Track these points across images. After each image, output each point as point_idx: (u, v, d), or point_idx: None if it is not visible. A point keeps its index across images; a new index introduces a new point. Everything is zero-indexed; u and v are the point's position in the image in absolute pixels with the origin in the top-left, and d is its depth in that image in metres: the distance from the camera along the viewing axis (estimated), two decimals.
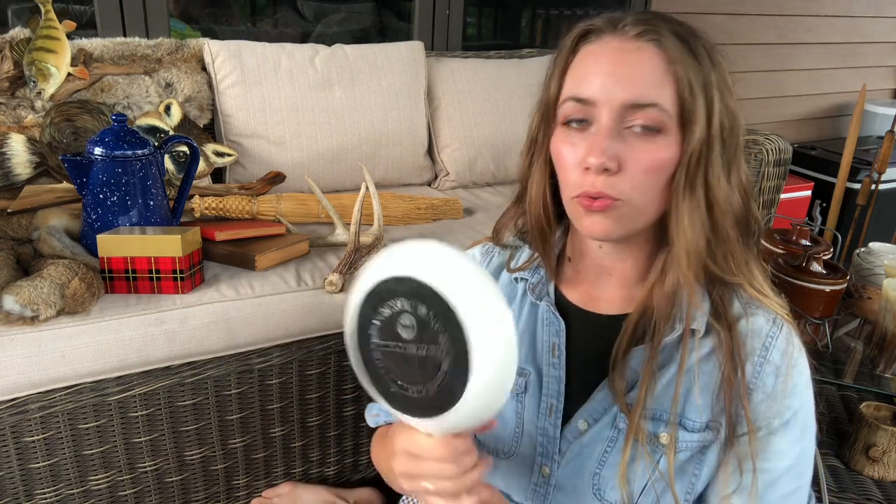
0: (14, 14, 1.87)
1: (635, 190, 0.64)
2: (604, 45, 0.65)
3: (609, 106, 0.63)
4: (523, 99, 2.06)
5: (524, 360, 0.76)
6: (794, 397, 0.69)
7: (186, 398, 1.27)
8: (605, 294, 0.74)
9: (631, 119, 0.63)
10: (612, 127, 0.63)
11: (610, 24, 0.66)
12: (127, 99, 1.58)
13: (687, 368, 0.68)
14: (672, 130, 0.63)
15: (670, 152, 0.64)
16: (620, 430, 0.71)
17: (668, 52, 0.63)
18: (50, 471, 1.19)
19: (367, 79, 1.87)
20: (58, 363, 1.12)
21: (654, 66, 0.63)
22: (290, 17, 2.43)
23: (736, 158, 0.67)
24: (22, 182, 1.33)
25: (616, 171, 0.63)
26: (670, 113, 0.63)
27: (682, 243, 0.66)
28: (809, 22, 3.17)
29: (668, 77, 0.63)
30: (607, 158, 0.62)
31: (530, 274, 0.78)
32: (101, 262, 1.19)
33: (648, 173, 0.64)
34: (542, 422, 0.74)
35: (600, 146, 0.63)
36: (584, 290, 0.76)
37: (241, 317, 1.24)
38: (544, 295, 0.76)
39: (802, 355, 0.70)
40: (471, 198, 1.91)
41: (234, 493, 1.39)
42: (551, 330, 0.75)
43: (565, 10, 2.81)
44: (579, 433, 0.73)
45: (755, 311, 0.69)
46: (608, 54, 0.64)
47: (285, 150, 1.76)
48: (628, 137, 0.63)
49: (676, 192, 0.65)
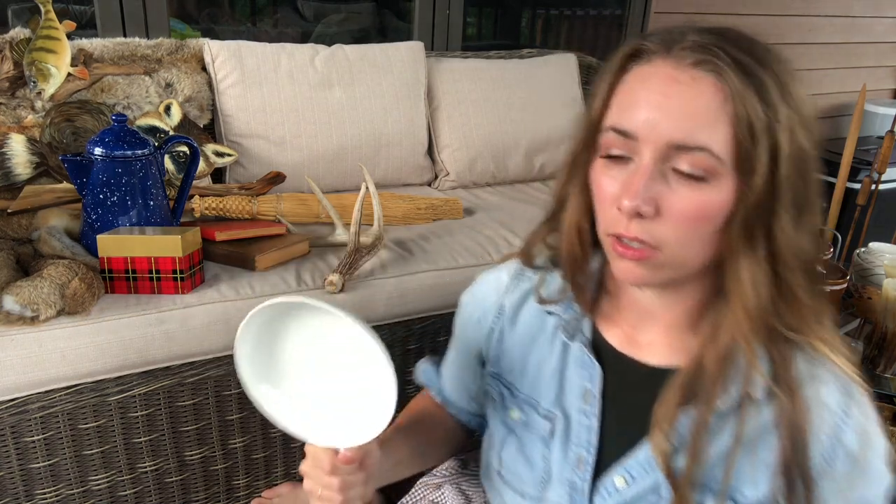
0: (14, 14, 1.87)
1: (675, 239, 0.56)
2: (655, 69, 0.57)
3: (653, 143, 0.55)
4: (523, 99, 2.06)
5: (551, 402, 0.70)
6: (870, 486, 0.60)
7: (186, 398, 1.27)
8: (648, 338, 0.66)
9: (675, 160, 0.55)
10: (652, 167, 0.56)
11: (665, 44, 0.58)
12: (127, 99, 1.58)
13: (743, 440, 0.59)
14: (725, 176, 0.55)
15: (720, 200, 0.55)
16: (663, 498, 0.63)
17: (727, 87, 0.54)
18: (50, 471, 1.19)
19: (367, 79, 1.87)
20: (58, 363, 1.12)
21: (707, 101, 0.54)
22: (290, 17, 2.43)
23: (808, 202, 0.58)
24: (22, 182, 1.33)
25: (653, 215, 0.56)
26: (722, 159, 0.54)
27: (741, 301, 0.57)
28: (809, 22, 3.17)
29: (723, 116, 0.54)
30: (642, 201, 0.55)
31: (563, 309, 0.71)
32: (101, 262, 1.19)
33: (692, 222, 0.56)
34: (570, 473, 0.68)
35: (636, 187, 0.55)
36: (624, 330, 0.67)
37: (241, 317, 1.22)
38: (578, 333, 0.69)
39: (880, 433, 0.60)
40: (471, 198, 1.91)
41: (235, 494, 1.39)
42: (584, 374, 0.67)
43: (565, 10, 2.81)
44: (617, 490, 0.65)
45: (824, 376, 0.59)
46: (658, 82, 0.56)
47: (285, 150, 1.76)
48: (672, 179, 0.56)
49: (732, 243, 0.57)
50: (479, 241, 1.55)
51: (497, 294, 0.77)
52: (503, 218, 1.70)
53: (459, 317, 0.83)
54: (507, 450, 0.74)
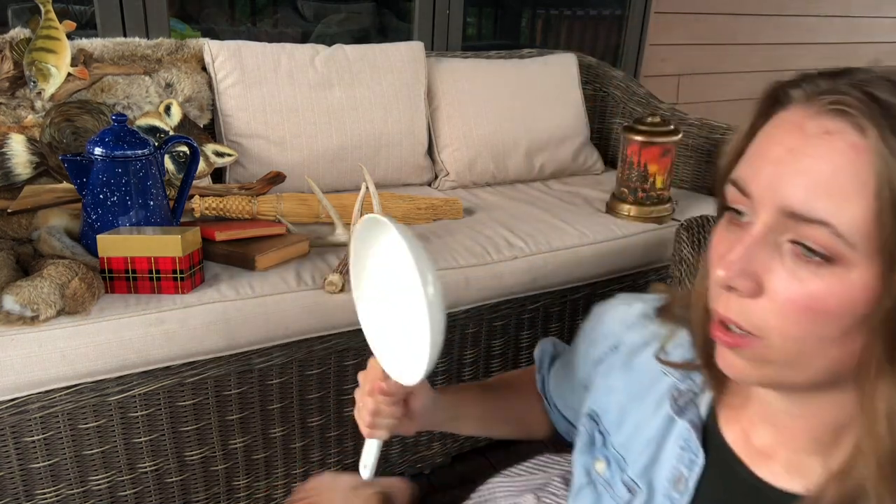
0: (14, 14, 1.87)
1: (781, 331, 0.45)
2: (788, 117, 0.46)
3: (768, 206, 0.45)
4: (523, 99, 2.06)
5: (638, 471, 0.61)
6: None
7: (186, 398, 1.26)
8: (764, 443, 0.55)
9: (792, 232, 0.44)
10: (762, 234, 0.45)
11: (806, 86, 0.47)
12: (127, 99, 1.58)
13: None
14: (857, 264, 0.42)
15: (847, 293, 0.43)
16: None
17: (869, 145, 0.41)
18: (50, 471, 1.19)
19: (367, 79, 1.87)
20: (58, 363, 1.11)
21: (838, 163, 0.42)
22: (290, 17, 2.43)
23: None
24: (22, 182, 1.33)
25: (752, 294, 0.45)
26: (850, 240, 0.42)
27: (874, 443, 0.45)
28: (809, 22, 3.17)
29: (859, 184, 0.41)
30: (737, 274, 0.45)
31: (682, 377, 0.61)
32: (101, 262, 1.19)
33: (803, 314, 0.44)
34: None
35: (733, 254, 0.45)
36: (743, 428, 0.56)
37: (241, 317, 1.24)
38: (690, 410, 0.58)
39: None
40: (471, 198, 1.90)
41: (235, 494, 1.39)
42: (684, 457, 0.57)
43: (565, 10, 2.81)
44: None
45: None
46: (783, 133, 0.46)
47: (285, 150, 1.76)
48: (787, 253, 0.45)
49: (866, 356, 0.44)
50: (479, 241, 1.55)
51: (621, 325, 0.69)
52: (503, 218, 1.70)
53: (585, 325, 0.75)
54: (581, 499, 0.67)
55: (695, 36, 2.87)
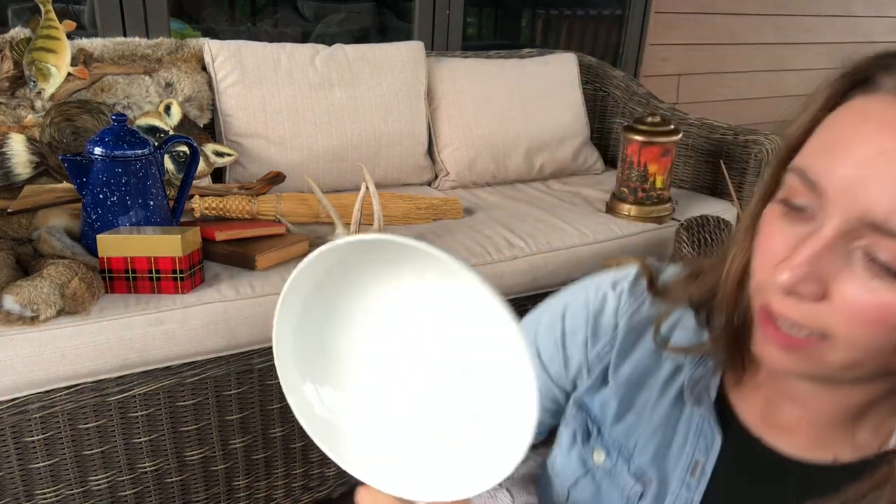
0: (14, 14, 1.87)
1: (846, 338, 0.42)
2: (879, 107, 0.41)
3: (843, 210, 0.41)
4: (523, 99, 2.06)
5: (647, 460, 0.57)
6: None
7: (186, 398, 1.26)
8: (788, 419, 0.53)
9: (867, 242, 0.40)
10: (833, 240, 0.41)
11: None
12: (127, 99, 1.58)
13: None
14: None
15: None
16: None
17: None
18: (50, 471, 1.19)
19: (367, 79, 1.87)
20: (58, 363, 1.11)
21: None
22: (290, 17, 2.43)
23: None
24: (22, 182, 1.33)
25: (816, 298, 0.42)
26: None
27: None
28: (809, 22, 3.17)
29: None
30: (803, 278, 0.41)
31: (693, 364, 0.56)
32: (101, 262, 1.19)
33: (872, 324, 0.41)
34: None
35: (800, 258, 0.41)
36: (760, 407, 0.54)
37: (241, 317, 1.24)
38: (704, 396, 0.55)
39: None
40: (471, 198, 1.90)
41: (235, 494, 1.39)
42: (699, 444, 0.55)
43: (565, 10, 2.81)
44: None
45: None
46: (874, 129, 0.40)
47: (285, 149, 1.76)
48: (857, 261, 0.41)
49: None
50: (479, 240, 1.55)
51: (615, 316, 0.62)
52: (503, 218, 1.70)
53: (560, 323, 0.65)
54: (579, 490, 0.63)
55: (695, 36, 2.87)
